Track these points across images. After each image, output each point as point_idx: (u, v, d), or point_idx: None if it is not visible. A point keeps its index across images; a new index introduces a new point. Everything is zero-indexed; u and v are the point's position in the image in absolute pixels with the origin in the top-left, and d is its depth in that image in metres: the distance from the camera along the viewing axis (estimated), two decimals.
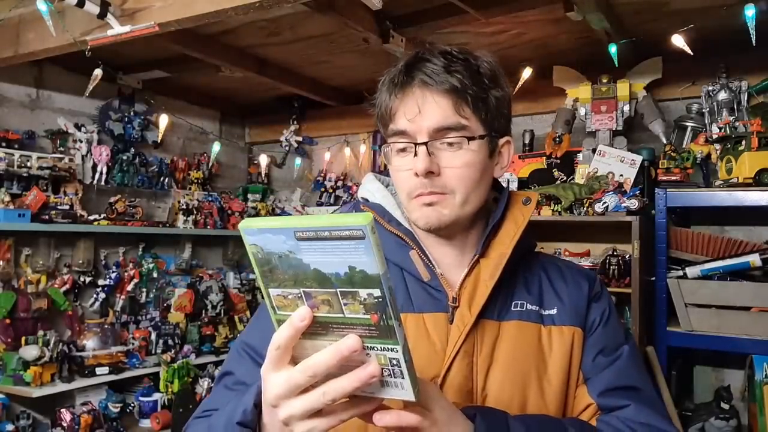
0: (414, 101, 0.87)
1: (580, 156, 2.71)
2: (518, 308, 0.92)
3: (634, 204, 2.30)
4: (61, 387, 2.63)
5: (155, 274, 3.35)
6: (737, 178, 2.16)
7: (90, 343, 2.89)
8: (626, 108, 2.62)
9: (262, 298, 0.66)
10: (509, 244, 0.92)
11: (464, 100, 0.87)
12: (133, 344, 3.08)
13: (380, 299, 0.54)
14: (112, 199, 3.15)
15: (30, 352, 2.55)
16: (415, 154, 0.86)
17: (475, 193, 0.90)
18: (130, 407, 3.01)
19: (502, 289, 0.91)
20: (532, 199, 0.96)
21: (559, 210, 2.49)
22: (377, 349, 0.57)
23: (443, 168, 0.87)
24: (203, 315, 3.50)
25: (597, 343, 0.94)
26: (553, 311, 0.93)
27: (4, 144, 2.71)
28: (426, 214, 0.88)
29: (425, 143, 0.86)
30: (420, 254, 0.92)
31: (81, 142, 3.07)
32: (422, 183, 0.86)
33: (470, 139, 0.87)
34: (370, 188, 1.01)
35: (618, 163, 2.54)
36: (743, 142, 2.15)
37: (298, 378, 0.59)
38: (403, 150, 0.90)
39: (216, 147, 3.68)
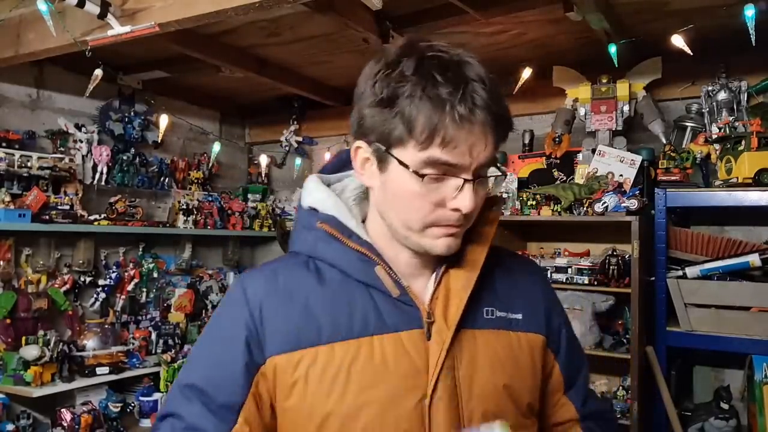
0: (482, 136, 0.79)
1: (579, 156, 2.71)
2: (489, 315, 0.90)
3: (633, 204, 2.30)
4: (61, 387, 2.63)
5: (155, 274, 3.35)
6: (737, 178, 2.16)
7: (90, 343, 2.89)
8: (626, 108, 2.62)
9: None
10: (482, 251, 0.89)
11: (505, 134, 0.83)
12: (133, 344, 3.08)
13: None
14: (112, 199, 3.15)
15: (30, 352, 2.55)
16: (460, 189, 0.80)
17: None
18: (130, 407, 3.01)
19: (472, 295, 0.88)
20: (498, 203, 0.95)
21: (559, 210, 2.50)
22: None
23: None
24: (203, 315, 3.50)
25: (569, 347, 0.99)
26: (519, 316, 0.92)
27: (4, 144, 2.71)
28: (447, 244, 0.84)
29: (473, 180, 0.80)
30: (386, 269, 0.87)
31: (81, 142, 3.07)
32: (457, 218, 0.82)
33: (504, 174, 0.89)
34: (318, 197, 0.92)
35: (618, 163, 2.54)
36: (743, 142, 2.15)
37: None
38: (437, 179, 0.80)
39: (216, 147, 3.68)
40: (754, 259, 2.18)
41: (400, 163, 0.80)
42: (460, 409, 0.84)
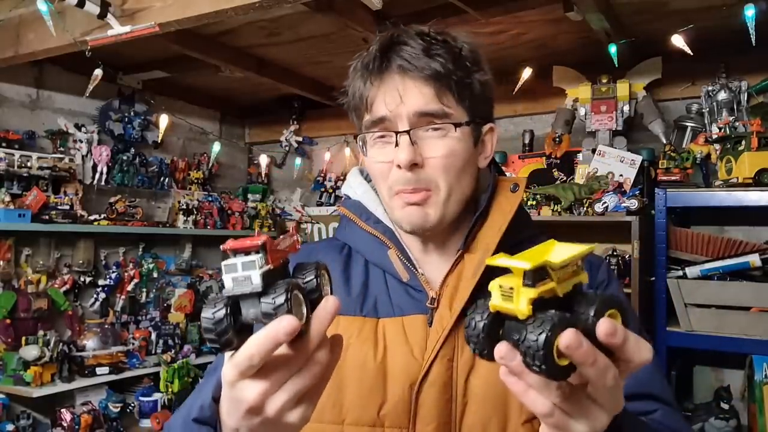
0: (394, 88, 0.81)
1: (579, 156, 2.71)
2: None
3: (633, 204, 2.30)
4: (61, 387, 2.63)
5: (155, 274, 3.35)
6: (737, 178, 2.16)
7: (90, 343, 2.89)
8: (626, 108, 2.62)
9: None
10: (495, 236, 0.84)
11: (447, 87, 0.81)
12: (133, 344, 3.08)
13: None
14: (112, 199, 3.15)
15: (30, 352, 2.55)
16: (397, 144, 0.81)
17: (459, 186, 0.84)
18: (130, 407, 3.01)
19: (486, 283, 0.85)
20: (521, 185, 0.89)
21: (559, 210, 2.49)
22: None
23: (426, 159, 0.81)
24: None
25: None
26: None
27: (4, 144, 2.71)
28: (410, 215, 0.83)
29: (407, 132, 0.81)
30: (398, 253, 0.87)
31: (81, 142, 3.07)
32: (405, 178, 0.81)
33: (456, 125, 0.82)
34: (351, 183, 0.97)
35: (618, 163, 2.54)
36: (743, 142, 2.15)
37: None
38: (382, 138, 0.84)
39: (216, 147, 3.68)
40: (754, 259, 2.17)
41: (357, 135, 0.89)
42: (453, 404, 0.80)
